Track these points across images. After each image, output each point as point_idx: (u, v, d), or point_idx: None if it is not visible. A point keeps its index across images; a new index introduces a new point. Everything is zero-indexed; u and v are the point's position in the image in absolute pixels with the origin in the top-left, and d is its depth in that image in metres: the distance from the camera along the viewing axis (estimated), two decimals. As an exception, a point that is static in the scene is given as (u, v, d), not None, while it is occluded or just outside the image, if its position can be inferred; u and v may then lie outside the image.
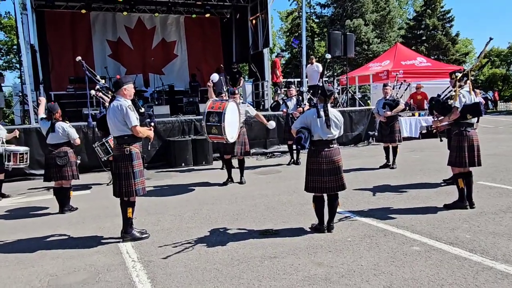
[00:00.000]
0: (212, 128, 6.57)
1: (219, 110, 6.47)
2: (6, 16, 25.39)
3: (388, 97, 8.72)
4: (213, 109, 6.56)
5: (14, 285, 3.62)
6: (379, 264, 3.64)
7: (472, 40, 40.88)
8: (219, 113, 6.46)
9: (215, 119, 6.47)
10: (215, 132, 6.60)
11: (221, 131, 6.50)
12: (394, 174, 7.95)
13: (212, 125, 6.52)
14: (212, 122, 6.49)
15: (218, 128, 6.49)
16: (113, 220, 5.43)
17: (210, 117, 6.52)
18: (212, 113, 6.52)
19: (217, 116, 6.47)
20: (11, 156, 7.05)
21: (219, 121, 6.44)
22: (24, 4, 11.10)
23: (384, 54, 17.66)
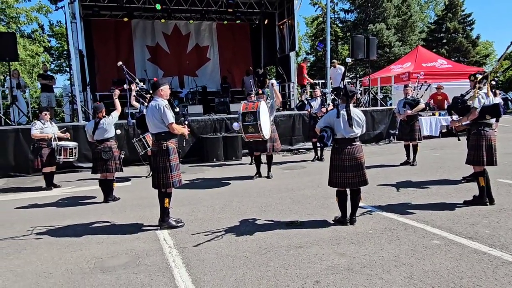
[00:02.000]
0: (249, 128, 6.58)
1: (253, 109, 6.48)
2: (57, 24, 26.31)
3: (409, 97, 8.50)
4: (247, 110, 6.57)
5: (64, 265, 3.75)
6: (399, 256, 3.56)
7: (492, 42, 39.12)
8: (253, 112, 6.47)
9: (250, 118, 6.47)
10: (252, 131, 6.60)
11: (258, 129, 6.50)
12: (415, 171, 7.74)
13: (249, 125, 6.53)
14: (248, 121, 6.50)
15: (254, 126, 6.49)
16: (152, 210, 5.54)
17: (246, 117, 6.52)
18: (247, 114, 6.53)
19: (252, 115, 6.47)
20: (62, 150, 7.30)
21: (254, 119, 6.45)
22: (74, 14, 11.46)
23: (406, 57, 17.18)
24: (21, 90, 11.54)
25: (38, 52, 20.30)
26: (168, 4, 14.34)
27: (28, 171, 9.22)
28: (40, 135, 7.38)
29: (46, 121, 7.60)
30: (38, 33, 22.87)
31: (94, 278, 3.42)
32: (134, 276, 3.42)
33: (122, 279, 3.37)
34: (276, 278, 3.24)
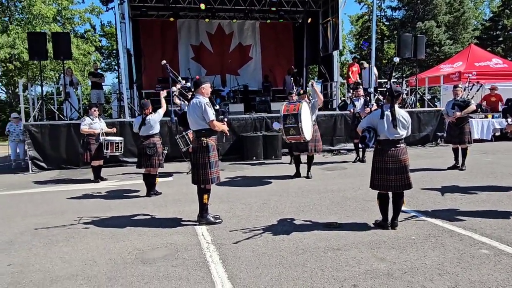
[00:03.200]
0: (290, 130, 6.54)
1: (294, 111, 6.43)
2: (108, 25, 27.60)
3: (458, 98, 8.08)
4: (288, 112, 6.53)
5: (108, 255, 3.93)
6: (444, 264, 3.40)
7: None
8: (295, 114, 6.42)
9: (291, 120, 6.43)
10: (293, 133, 6.56)
11: (299, 131, 6.45)
12: (463, 175, 7.36)
13: (290, 127, 6.49)
14: (289, 124, 6.46)
15: (295, 128, 6.44)
16: (191, 205, 5.67)
17: (287, 119, 6.48)
18: (288, 116, 6.49)
19: (293, 117, 6.42)
20: (109, 145, 7.64)
21: (296, 122, 6.39)
22: (123, 14, 11.94)
23: (457, 56, 16.34)
24: (74, 87, 12.20)
25: (89, 51, 21.37)
26: (212, 4, 14.58)
27: (78, 164, 9.74)
28: (89, 130, 7.76)
29: (95, 117, 7.99)
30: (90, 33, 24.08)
31: (135, 269, 3.55)
32: (173, 269, 3.51)
33: (161, 271, 3.47)
34: (312, 279, 3.20)
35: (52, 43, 10.22)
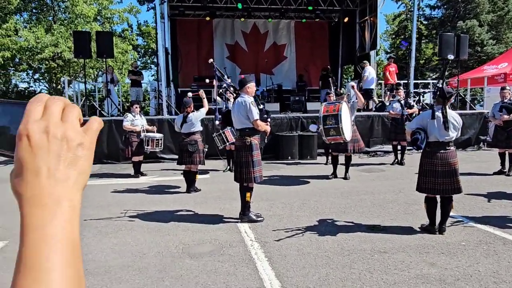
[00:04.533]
0: (330, 131, 6.49)
1: (334, 112, 6.38)
2: (144, 24, 28.30)
3: (506, 101, 7.76)
4: (328, 112, 6.49)
5: (156, 248, 4.05)
6: (498, 272, 3.29)
7: None
8: (335, 115, 6.37)
9: (332, 121, 6.38)
10: (333, 134, 6.51)
11: (340, 132, 6.39)
12: (511, 181, 7.07)
13: (330, 128, 6.44)
14: (329, 124, 6.41)
15: (336, 129, 6.38)
16: (231, 203, 5.74)
17: (327, 120, 6.44)
18: (328, 116, 6.45)
19: (333, 118, 6.37)
20: (150, 141, 7.85)
21: (336, 122, 6.34)
22: (163, 14, 12.23)
23: (502, 56, 15.65)
24: (114, 85, 12.61)
25: (127, 49, 21.98)
26: (248, 3, 14.67)
27: (118, 159, 10.06)
28: (130, 127, 8.00)
29: (136, 114, 8.23)
30: (128, 32, 24.77)
31: (183, 263, 3.65)
32: (220, 265, 3.58)
33: (209, 266, 3.55)
34: (361, 281, 3.18)
35: (96, 42, 10.58)
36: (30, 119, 0.47)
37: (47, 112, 0.48)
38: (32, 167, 0.46)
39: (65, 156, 0.47)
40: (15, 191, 0.47)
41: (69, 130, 0.48)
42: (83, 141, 0.49)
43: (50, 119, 0.47)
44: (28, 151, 0.46)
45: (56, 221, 0.46)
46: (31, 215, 0.45)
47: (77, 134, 0.49)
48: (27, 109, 0.48)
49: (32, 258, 0.43)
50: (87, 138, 0.50)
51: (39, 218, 0.45)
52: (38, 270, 0.43)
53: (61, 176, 0.47)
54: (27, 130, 0.46)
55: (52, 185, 0.46)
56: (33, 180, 0.46)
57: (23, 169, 0.46)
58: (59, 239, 0.45)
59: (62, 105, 0.49)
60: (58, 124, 0.48)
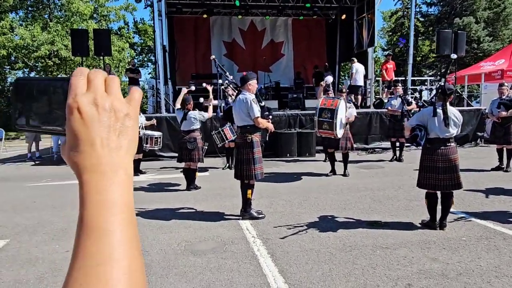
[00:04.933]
0: (323, 124, 6.53)
1: (332, 107, 6.41)
2: (141, 21, 28.21)
3: (504, 97, 7.81)
4: (325, 106, 6.52)
5: (158, 245, 4.06)
6: (500, 266, 3.32)
7: None
8: (331, 110, 6.40)
9: (327, 115, 6.42)
10: (326, 128, 6.55)
11: (332, 127, 6.43)
12: (509, 177, 7.12)
13: (324, 121, 6.48)
14: (324, 118, 6.45)
15: (329, 124, 6.43)
16: (231, 200, 5.74)
17: (323, 113, 6.48)
18: (324, 110, 6.48)
19: (329, 112, 6.41)
20: (149, 139, 7.85)
21: (331, 117, 6.38)
22: (160, 11, 12.18)
23: (498, 53, 15.72)
24: (112, 83, 12.55)
25: (124, 47, 21.91)
26: (246, 1, 14.64)
27: (116, 157, 10.02)
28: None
29: (136, 112, 8.20)
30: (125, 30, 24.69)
31: (186, 259, 3.66)
32: (223, 261, 3.59)
33: (212, 263, 3.56)
34: (365, 276, 3.20)
35: (93, 40, 10.54)
36: (78, 92, 0.48)
37: (92, 85, 0.49)
38: (87, 138, 0.48)
39: (115, 126, 0.49)
40: (73, 162, 0.48)
41: (116, 101, 0.50)
42: (128, 111, 0.51)
43: (96, 91, 0.49)
44: (81, 123, 0.48)
45: (115, 187, 0.48)
46: (91, 181, 0.47)
47: (123, 104, 0.50)
48: (71, 83, 0.49)
49: (94, 221, 0.46)
50: (132, 108, 0.51)
51: (99, 184, 0.47)
52: (100, 231, 0.46)
53: (114, 145, 0.49)
54: (77, 103, 0.48)
55: (108, 154, 0.48)
56: (90, 150, 0.48)
57: (78, 141, 0.48)
58: (118, 203, 0.48)
59: (103, 77, 0.51)
60: (104, 96, 0.49)
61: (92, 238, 0.45)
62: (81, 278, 0.44)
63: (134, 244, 0.48)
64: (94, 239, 0.45)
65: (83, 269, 0.44)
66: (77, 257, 0.45)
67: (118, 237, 0.46)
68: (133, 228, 0.49)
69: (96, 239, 0.45)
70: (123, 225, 0.47)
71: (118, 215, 0.47)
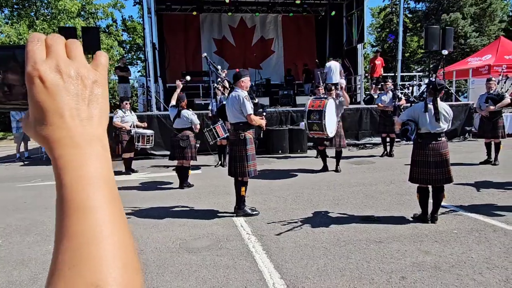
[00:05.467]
0: (313, 125, 6.56)
1: (319, 108, 6.44)
2: (129, 19, 27.90)
3: (492, 92, 7.93)
4: (313, 108, 6.54)
5: (153, 244, 4.05)
6: (491, 258, 3.39)
7: None
8: (319, 111, 6.43)
9: (316, 117, 6.45)
10: (316, 129, 6.58)
11: (322, 128, 6.46)
12: (497, 170, 7.25)
13: (314, 123, 6.51)
14: (313, 119, 6.48)
15: (319, 125, 6.45)
16: (225, 197, 5.75)
17: (311, 115, 6.50)
18: (312, 112, 6.50)
19: (317, 114, 6.44)
20: (140, 138, 7.80)
21: (319, 118, 6.40)
22: (149, 9, 12.08)
23: (485, 48, 15.94)
24: (101, 81, 12.42)
25: (112, 45, 21.69)
26: (235, -3, 14.61)
27: (107, 156, 9.93)
28: (120, 124, 7.91)
29: (127, 110, 8.14)
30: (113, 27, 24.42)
31: (181, 257, 3.65)
32: (218, 259, 3.60)
33: (208, 260, 3.56)
34: (359, 270, 3.23)
35: (82, 37, 10.40)
36: (37, 59, 0.43)
37: (51, 51, 0.44)
38: (54, 108, 0.43)
39: (83, 95, 0.45)
40: (41, 137, 0.44)
41: (81, 68, 0.45)
42: (96, 78, 0.46)
43: (58, 57, 0.44)
44: (45, 93, 0.43)
45: (92, 161, 0.44)
46: (66, 156, 0.43)
47: (89, 71, 0.46)
48: (28, 50, 0.44)
49: (75, 198, 0.42)
50: (99, 74, 0.47)
51: (75, 159, 0.44)
52: (82, 209, 0.42)
53: (85, 115, 0.45)
54: (38, 71, 0.43)
55: (79, 125, 0.44)
56: (59, 122, 0.44)
57: (45, 112, 0.43)
58: (98, 177, 0.44)
59: (63, 41, 0.46)
60: (68, 62, 0.45)
61: (77, 217, 0.42)
62: (71, 259, 0.40)
63: (122, 219, 0.45)
64: (80, 218, 0.42)
65: (72, 250, 0.41)
66: (63, 238, 0.41)
67: (104, 213, 0.43)
68: (118, 203, 0.46)
69: (82, 217, 0.42)
70: (107, 201, 0.44)
71: (101, 190, 0.44)
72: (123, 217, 0.45)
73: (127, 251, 0.43)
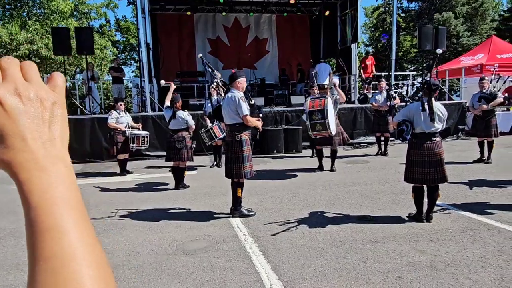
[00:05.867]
0: (316, 126, 6.55)
1: (320, 107, 6.44)
2: (123, 19, 27.73)
3: (485, 91, 8.00)
4: (314, 108, 6.55)
5: (149, 246, 4.04)
6: (486, 257, 3.42)
7: None
8: (321, 110, 6.43)
9: (318, 116, 6.44)
10: (319, 129, 6.57)
11: (326, 127, 6.45)
12: (490, 169, 7.31)
13: (317, 123, 6.50)
14: (316, 120, 6.46)
15: (322, 124, 6.44)
16: (221, 198, 5.75)
17: (313, 115, 6.49)
18: (314, 111, 6.50)
19: (319, 113, 6.43)
20: (135, 139, 7.76)
21: (322, 117, 6.40)
22: (143, 9, 12.02)
23: (478, 48, 16.07)
24: (95, 82, 12.36)
25: (106, 45, 21.52)
26: (230, -3, 14.58)
27: (102, 157, 9.90)
28: (115, 125, 7.87)
29: (121, 111, 8.10)
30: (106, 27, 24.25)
31: (178, 259, 3.65)
32: (216, 260, 3.60)
33: (205, 262, 3.56)
34: (356, 270, 3.25)
35: (75, 38, 10.33)
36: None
37: (7, 74, 0.44)
38: (15, 132, 0.43)
39: (44, 117, 0.45)
40: (2, 160, 0.44)
41: (40, 90, 0.46)
42: (55, 99, 0.47)
43: (16, 80, 0.44)
44: (5, 116, 0.43)
45: (58, 182, 0.45)
46: (32, 179, 0.44)
47: (48, 93, 0.47)
48: None
49: (49, 221, 0.43)
50: (58, 95, 0.48)
51: (41, 181, 0.44)
52: (57, 230, 0.43)
53: (47, 137, 0.45)
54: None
55: (42, 147, 0.45)
56: (21, 145, 0.44)
57: (5, 136, 0.43)
58: (65, 198, 0.45)
59: (17, 64, 0.46)
60: (26, 84, 0.45)
61: (50, 238, 0.42)
62: (48, 281, 0.41)
63: (93, 238, 0.46)
64: (53, 239, 0.42)
65: (49, 272, 0.41)
66: (39, 260, 0.42)
67: (77, 233, 0.44)
68: (88, 222, 0.46)
69: (55, 239, 0.42)
70: (77, 221, 0.44)
71: (70, 211, 0.44)
72: (93, 236, 0.46)
73: (103, 269, 0.44)
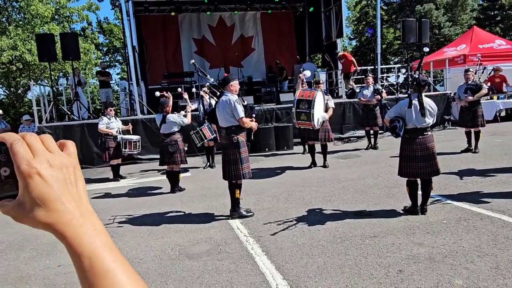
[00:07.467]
0: (301, 115, 6.65)
1: (309, 98, 6.54)
2: (105, 21, 27.40)
3: (470, 82, 8.18)
4: (303, 97, 6.63)
5: (152, 252, 4.06)
6: (481, 246, 3.54)
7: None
8: (308, 100, 6.53)
9: (305, 106, 6.54)
10: (303, 119, 6.68)
11: (310, 118, 6.56)
12: (478, 158, 7.50)
13: (302, 112, 6.60)
14: (302, 109, 6.57)
15: (307, 114, 6.55)
16: (218, 200, 5.79)
17: (300, 104, 6.59)
18: (302, 101, 6.60)
19: (306, 103, 6.53)
20: (127, 144, 7.73)
21: (308, 108, 6.50)
22: (128, 11, 11.91)
23: (460, 38, 16.36)
24: (82, 87, 12.21)
25: (89, 49, 21.24)
26: (214, -4, 14.53)
27: (93, 163, 9.83)
28: (106, 130, 7.82)
29: (112, 116, 8.05)
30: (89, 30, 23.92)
31: (183, 264, 3.69)
32: (220, 263, 3.64)
33: (209, 265, 3.60)
34: (358, 266, 3.34)
35: (60, 44, 10.19)
36: (29, 158, 0.52)
37: (35, 149, 0.53)
38: (56, 197, 0.53)
39: (71, 180, 0.56)
40: (46, 223, 0.53)
41: (62, 158, 0.56)
42: (74, 164, 0.57)
43: (45, 154, 0.54)
44: (45, 185, 0.52)
45: (98, 231, 0.56)
46: (79, 234, 0.54)
47: (67, 159, 0.56)
48: (17, 151, 0.52)
49: (101, 266, 0.54)
50: (73, 160, 0.58)
51: (87, 234, 0.55)
52: (109, 273, 0.54)
53: (77, 197, 0.56)
54: (36, 168, 0.52)
55: (76, 206, 0.55)
56: (62, 207, 0.54)
57: (47, 201, 0.53)
58: (108, 243, 0.56)
59: (38, 138, 0.55)
60: (52, 156, 0.55)
61: (108, 279, 0.53)
62: None
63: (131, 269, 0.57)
64: (110, 279, 0.53)
65: None
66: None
67: (121, 269, 0.55)
68: (125, 260, 0.57)
69: (111, 278, 0.53)
70: (121, 260, 0.56)
71: (114, 254, 0.55)
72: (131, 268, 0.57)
73: None
